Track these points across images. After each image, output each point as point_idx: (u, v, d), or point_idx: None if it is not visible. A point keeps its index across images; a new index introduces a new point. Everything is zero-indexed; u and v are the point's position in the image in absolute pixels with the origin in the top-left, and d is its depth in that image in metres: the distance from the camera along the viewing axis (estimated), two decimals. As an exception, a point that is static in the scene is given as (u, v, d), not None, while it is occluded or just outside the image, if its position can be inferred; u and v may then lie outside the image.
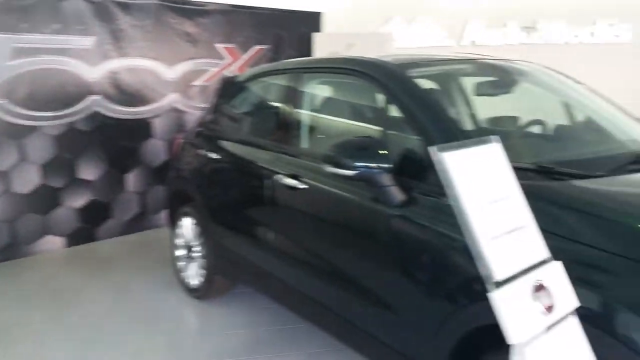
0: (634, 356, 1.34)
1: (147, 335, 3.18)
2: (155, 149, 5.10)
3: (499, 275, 1.15)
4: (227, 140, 3.24)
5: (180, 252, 3.75)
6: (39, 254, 4.52)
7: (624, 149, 2.23)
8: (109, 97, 4.75)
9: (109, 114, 4.76)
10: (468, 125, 2.39)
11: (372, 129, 2.31)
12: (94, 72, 4.66)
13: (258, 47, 5.71)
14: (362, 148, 2.00)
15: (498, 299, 1.13)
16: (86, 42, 4.57)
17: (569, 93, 2.68)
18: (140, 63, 4.91)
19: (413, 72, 2.32)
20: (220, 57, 5.45)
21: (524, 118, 2.60)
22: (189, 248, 3.63)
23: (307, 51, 6.05)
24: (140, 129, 5.01)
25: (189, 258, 3.64)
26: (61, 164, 4.56)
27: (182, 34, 5.15)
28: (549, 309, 1.19)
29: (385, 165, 1.95)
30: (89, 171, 4.73)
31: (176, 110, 5.18)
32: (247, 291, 3.60)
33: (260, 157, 2.81)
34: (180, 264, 3.75)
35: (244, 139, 3.11)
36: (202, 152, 3.38)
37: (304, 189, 2.45)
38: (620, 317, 1.38)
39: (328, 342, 2.81)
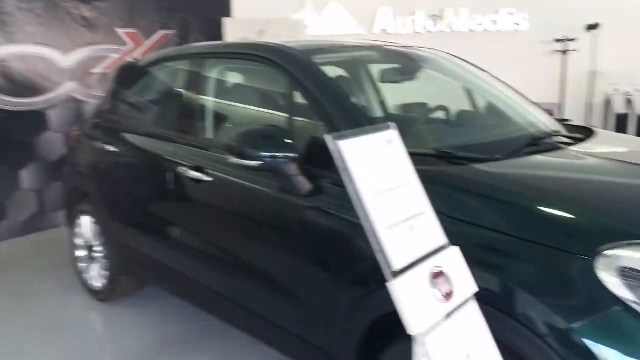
0: (531, 334, 1.37)
1: (47, 343, 2.94)
2: (52, 143, 4.72)
3: (396, 265, 1.12)
4: (126, 131, 3.03)
5: (80, 253, 3.50)
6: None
7: (522, 132, 2.30)
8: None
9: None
10: (373, 112, 2.38)
11: (278, 117, 2.23)
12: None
13: (163, 32, 5.45)
14: (266, 137, 1.93)
15: (396, 288, 1.09)
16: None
17: (471, 79, 2.73)
18: (31, 50, 4.52)
19: (318, 59, 2.26)
20: (122, 43, 5.14)
21: (428, 104, 2.63)
22: (89, 248, 3.40)
23: (216, 37, 5.85)
24: (35, 121, 4.62)
25: (91, 259, 3.40)
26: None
27: (78, 18, 4.80)
28: (448, 295, 1.17)
29: (291, 155, 1.89)
30: (-24, 168, 4.32)
31: (74, 100, 4.83)
32: (156, 290, 3.42)
33: (163, 149, 2.65)
34: (82, 265, 3.51)
35: (145, 130, 2.92)
36: (99, 144, 3.15)
37: (209, 181, 2.33)
38: (518, 297, 1.41)
39: (240, 338, 2.72)
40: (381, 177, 1.21)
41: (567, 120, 2.80)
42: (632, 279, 1.32)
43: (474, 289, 1.25)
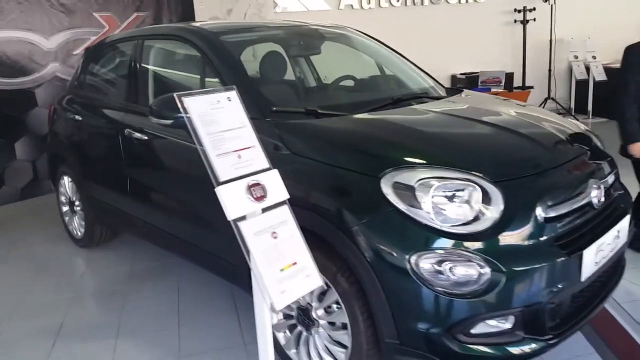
0: (351, 243, 1.98)
1: (38, 278, 3.63)
2: (41, 118, 5.36)
3: (221, 178, 1.73)
4: (91, 103, 3.66)
5: (65, 208, 4.17)
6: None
7: (389, 93, 2.88)
8: None
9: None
10: (277, 84, 2.93)
11: (193, 84, 2.83)
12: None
13: (136, 14, 6.00)
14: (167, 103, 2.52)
15: (220, 191, 1.71)
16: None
17: (368, 52, 3.32)
18: (16, 35, 5.12)
19: (227, 38, 2.85)
20: (100, 26, 5.71)
21: (326, 74, 3.22)
22: (71, 203, 4.06)
23: (188, 16, 6.38)
24: (24, 98, 5.26)
25: (73, 212, 4.07)
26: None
27: (57, 4, 5.37)
28: (260, 198, 1.79)
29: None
30: (-25, 142, 4.98)
31: (59, 79, 5.44)
32: (128, 237, 4.09)
33: (116, 116, 3.28)
34: (66, 218, 4.18)
35: (104, 101, 3.55)
36: (70, 115, 3.79)
37: (146, 140, 2.95)
38: (346, 215, 2.02)
39: (195, 271, 3.37)
40: (217, 123, 1.81)
41: (458, 86, 3.40)
42: (400, 190, 1.92)
43: (286, 196, 1.87)
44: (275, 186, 1.88)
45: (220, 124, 1.83)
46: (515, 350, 1.93)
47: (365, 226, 1.95)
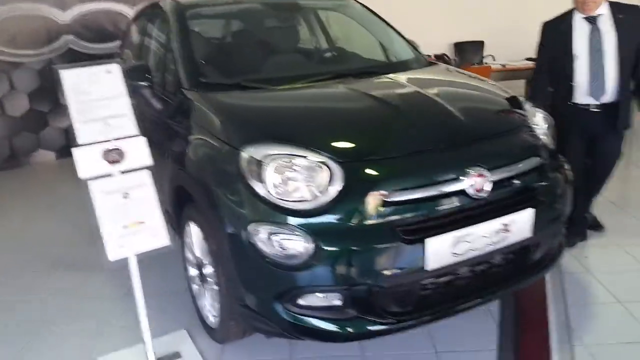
0: (210, 208, 2.14)
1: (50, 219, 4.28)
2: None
3: (81, 140, 2.00)
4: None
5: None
6: (35, 164, 5.77)
7: (338, 68, 2.88)
8: (80, 35, 5.77)
9: (81, 50, 5.79)
10: (225, 57, 3.07)
11: (161, 55, 3.09)
12: (65, 16, 5.67)
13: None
14: (135, 70, 2.82)
15: (75, 153, 1.98)
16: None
17: (349, 23, 3.31)
18: (105, 6, 5.85)
19: (193, 11, 3.06)
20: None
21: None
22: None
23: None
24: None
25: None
26: (45, 93, 5.69)
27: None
28: (114, 162, 2.03)
29: (145, 83, 2.77)
30: (69, 98, 5.84)
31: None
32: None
33: None
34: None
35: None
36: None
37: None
38: (211, 182, 2.17)
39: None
40: (89, 93, 2.06)
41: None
42: (251, 164, 2.00)
43: (147, 162, 2.09)
44: (138, 152, 2.10)
45: (92, 94, 2.09)
46: (346, 327, 1.97)
47: (222, 194, 2.09)
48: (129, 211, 2.06)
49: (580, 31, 2.96)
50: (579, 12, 2.98)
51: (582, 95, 2.99)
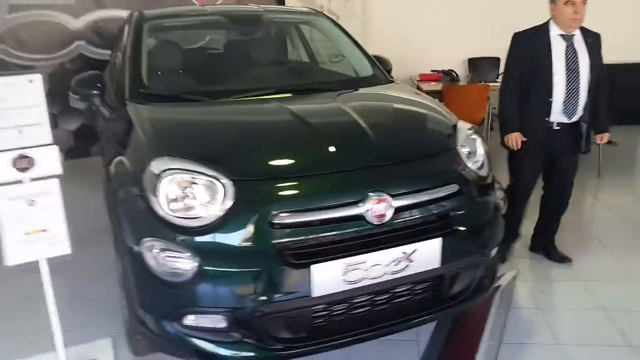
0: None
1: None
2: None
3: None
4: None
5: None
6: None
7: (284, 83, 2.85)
8: (91, 42, 5.97)
9: (92, 55, 5.98)
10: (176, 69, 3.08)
11: (118, 66, 3.13)
12: (78, 23, 5.88)
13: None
14: (87, 79, 2.87)
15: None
16: (69, -1, 5.78)
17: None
18: (116, 13, 6.02)
19: (154, 22, 3.11)
20: (190, 4, 6.37)
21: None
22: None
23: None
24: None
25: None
26: (55, 95, 5.90)
27: (154, -15, 6.14)
28: (24, 169, 2.07)
29: (95, 92, 2.82)
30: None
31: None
32: None
33: None
34: None
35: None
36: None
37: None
38: (120, 191, 2.19)
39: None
40: (5, 101, 2.12)
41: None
42: (150, 177, 1.98)
43: (57, 171, 2.12)
44: (49, 161, 2.14)
45: (7, 102, 2.14)
46: (229, 351, 1.93)
47: (124, 204, 2.10)
48: (32, 218, 2.10)
49: (556, 47, 2.89)
50: (557, 28, 2.90)
51: (556, 112, 2.92)
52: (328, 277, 1.89)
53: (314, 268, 1.86)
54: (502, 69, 6.68)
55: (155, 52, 2.96)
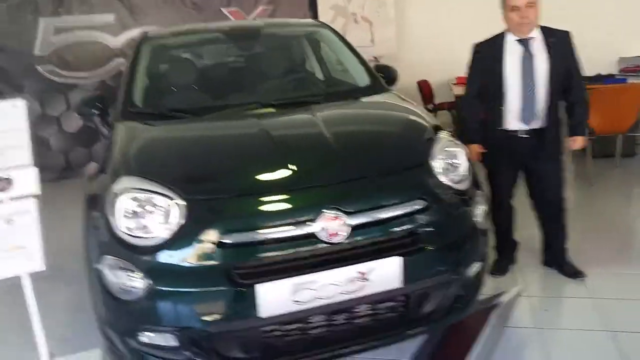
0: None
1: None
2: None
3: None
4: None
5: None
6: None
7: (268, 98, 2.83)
8: (130, 59, 6.25)
9: (131, 72, 6.26)
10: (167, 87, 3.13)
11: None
12: (117, 41, 6.17)
13: (262, 7, 6.62)
14: (91, 100, 3.01)
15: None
16: (109, 18, 6.07)
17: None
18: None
19: (157, 42, 3.21)
20: (227, 20, 6.51)
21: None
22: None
23: (312, 5, 6.70)
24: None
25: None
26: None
27: (189, 2, 6.34)
28: (4, 189, 2.19)
29: (95, 111, 2.94)
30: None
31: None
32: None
33: None
34: None
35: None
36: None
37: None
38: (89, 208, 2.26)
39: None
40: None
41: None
42: (111, 195, 2.04)
43: (35, 191, 2.22)
44: (28, 182, 2.25)
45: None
46: (182, 369, 1.95)
47: (90, 222, 2.17)
48: (11, 235, 2.21)
49: (512, 54, 2.80)
50: (512, 34, 2.81)
51: (512, 120, 2.84)
52: (275, 297, 1.87)
53: (260, 288, 1.85)
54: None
55: (150, 71, 3.05)
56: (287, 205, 1.97)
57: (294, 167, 2.08)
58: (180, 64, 3.21)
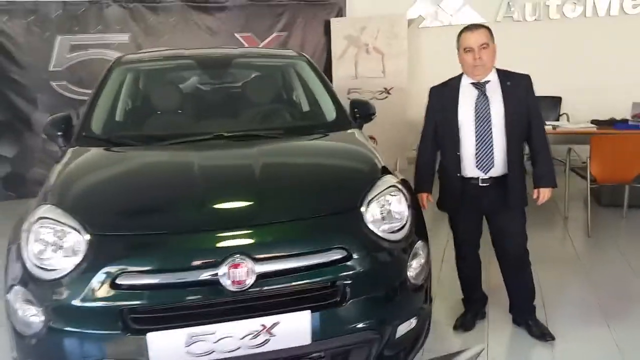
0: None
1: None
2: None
3: None
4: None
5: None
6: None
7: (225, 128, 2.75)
8: (142, 78, 6.34)
9: (142, 92, 6.35)
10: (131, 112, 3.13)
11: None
12: (129, 60, 6.28)
13: (276, 33, 6.63)
14: (57, 121, 2.99)
15: None
16: (124, 38, 6.20)
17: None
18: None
19: (128, 66, 3.20)
20: (240, 45, 6.54)
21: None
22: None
23: (327, 33, 6.68)
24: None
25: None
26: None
27: (204, 26, 6.41)
28: None
29: (59, 133, 2.91)
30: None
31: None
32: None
33: None
34: None
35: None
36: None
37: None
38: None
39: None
40: None
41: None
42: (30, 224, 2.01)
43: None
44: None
45: None
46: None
47: (9, 250, 2.09)
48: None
49: (466, 97, 2.63)
50: (467, 77, 2.66)
51: (469, 167, 2.64)
52: (167, 347, 1.76)
53: (151, 336, 1.74)
54: (563, 109, 6.27)
55: (113, 96, 3.03)
56: (191, 247, 1.87)
57: (210, 207, 1.99)
58: (143, 90, 3.19)
